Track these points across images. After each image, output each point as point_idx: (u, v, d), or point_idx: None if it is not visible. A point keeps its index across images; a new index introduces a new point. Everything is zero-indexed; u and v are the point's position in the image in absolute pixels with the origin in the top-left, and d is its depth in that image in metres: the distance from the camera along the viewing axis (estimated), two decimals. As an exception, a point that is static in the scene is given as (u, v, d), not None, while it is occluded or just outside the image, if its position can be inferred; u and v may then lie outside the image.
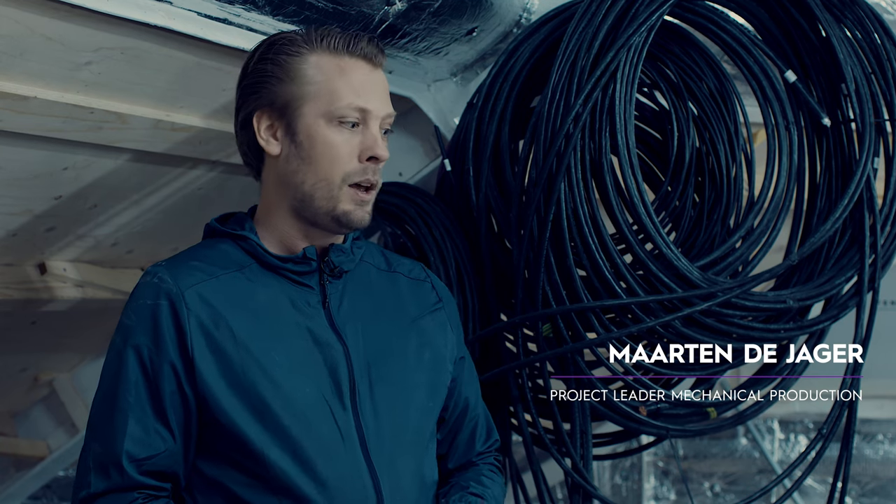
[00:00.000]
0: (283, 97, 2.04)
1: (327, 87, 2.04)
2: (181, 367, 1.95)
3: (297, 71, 2.04)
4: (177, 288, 1.97)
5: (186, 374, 1.95)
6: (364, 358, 2.04)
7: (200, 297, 1.97)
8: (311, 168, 2.03)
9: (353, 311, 2.08)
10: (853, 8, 2.61)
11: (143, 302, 1.98)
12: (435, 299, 2.23)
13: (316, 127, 2.03)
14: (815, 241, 2.60)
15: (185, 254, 2.08)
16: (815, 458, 2.72)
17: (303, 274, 2.05)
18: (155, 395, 1.95)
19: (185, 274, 2.00)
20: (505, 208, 2.72)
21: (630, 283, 2.50)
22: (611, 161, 2.51)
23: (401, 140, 3.09)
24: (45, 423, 3.82)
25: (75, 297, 3.09)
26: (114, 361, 1.98)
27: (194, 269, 2.01)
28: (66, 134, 2.41)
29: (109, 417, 1.95)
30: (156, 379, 1.95)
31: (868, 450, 6.44)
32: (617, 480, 6.72)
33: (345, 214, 2.03)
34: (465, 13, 2.58)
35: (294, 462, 1.94)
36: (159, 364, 1.94)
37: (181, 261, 2.04)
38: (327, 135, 2.03)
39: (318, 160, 2.03)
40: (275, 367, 1.97)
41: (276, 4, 2.24)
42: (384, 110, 2.07)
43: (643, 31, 2.50)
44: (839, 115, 2.66)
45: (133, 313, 1.99)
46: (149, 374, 1.95)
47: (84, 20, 2.11)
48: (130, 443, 1.93)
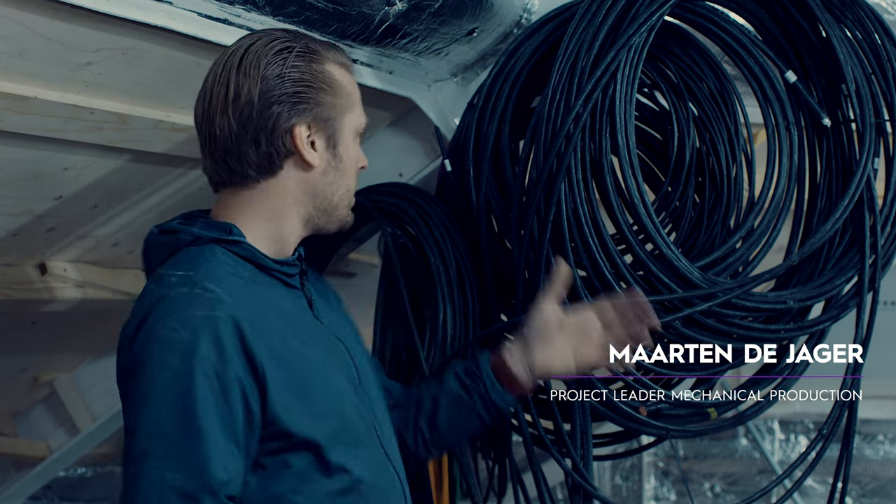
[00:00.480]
0: (328, 108, 2.02)
1: (354, 99, 2.07)
2: (250, 382, 1.83)
3: (333, 80, 2.03)
4: (230, 297, 1.87)
5: (255, 390, 1.84)
6: (351, 354, 2.09)
7: (249, 306, 1.88)
8: (344, 180, 2.06)
9: (324, 311, 2.10)
10: (853, 8, 2.61)
11: (191, 314, 1.83)
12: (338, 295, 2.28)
13: (350, 141, 2.07)
14: (815, 241, 2.60)
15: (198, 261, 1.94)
16: (816, 459, 2.72)
17: (292, 276, 2.04)
18: (225, 414, 1.81)
19: (225, 282, 1.89)
20: (505, 208, 2.72)
21: (630, 284, 2.50)
22: (611, 161, 2.51)
23: (401, 140, 3.09)
24: (46, 423, 3.82)
25: (76, 297, 3.09)
26: (171, 380, 1.80)
27: (228, 276, 1.92)
28: (66, 134, 2.41)
29: (189, 442, 1.79)
30: (225, 397, 1.81)
31: (868, 450, 6.44)
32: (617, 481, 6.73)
33: (348, 220, 2.11)
34: (466, 14, 2.58)
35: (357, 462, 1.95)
36: (227, 381, 1.81)
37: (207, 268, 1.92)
38: (354, 147, 2.08)
39: (348, 172, 2.07)
40: (326, 370, 1.97)
41: (277, 5, 2.24)
42: None
43: (643, 31, 2.50)
44: (839, 116, 2.66)
45: (181, 326, 1.82)
46: (217, 392, 1.80)
47: (84, 21, 2.11)
48: (218, 469, 1.79)
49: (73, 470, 5.17)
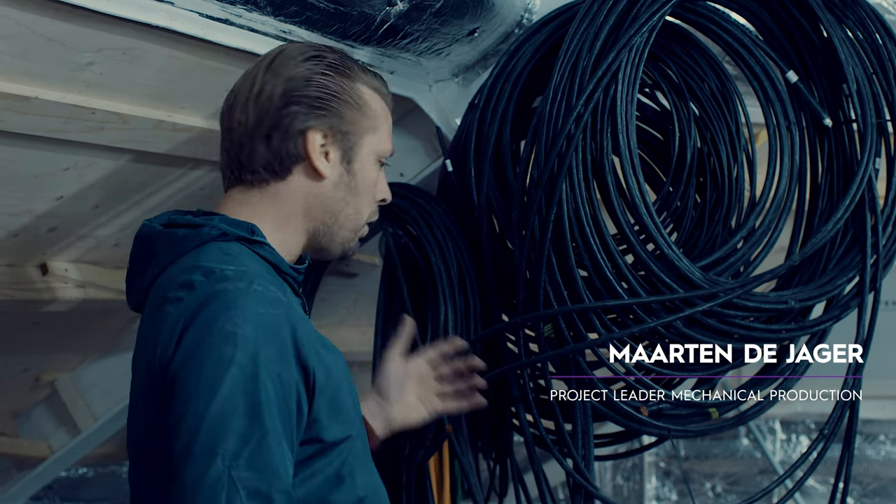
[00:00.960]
0: (349, 122, 2.02)
1: (383, 125, 2.07)
2: (302, 386, 1.81)
3: (361, 99, 2.04)
4: (284, 297, 1.85)
5: (306, 394, 1.82)
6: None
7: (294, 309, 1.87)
8: (355, 200, 2.05)
9: None
10: (855, 8, 2.61)
11: (254, 311, 1.79)
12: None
13: (369, 163, 2.06)
14: (816, 241, 2.60)
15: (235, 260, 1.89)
16: (817, 459, 2.72)
17: (298, 282, 2.05)
18: (286, 417, 1.78)
19: (267, 281, 1.86)
20: (506, 209, 2.72)
21: (632, 284, 2.50)
22: (612, 161, 2.51)
23: (402, 140, 3.09)
24: (47, 423, 3.82)
25: (77, 297, 3.09)
26: (238, 378, 1.75)
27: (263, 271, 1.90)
28: (67, 134, 2.41)
29: (256, 441, 1.74)
30: (286, 398, 1.78)
31: (870, 450, 6.44)
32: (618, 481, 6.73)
33: (352, 247, 2.10)
34: (467, 14, 2.58)
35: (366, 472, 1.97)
36: (289, 383, 1.79)
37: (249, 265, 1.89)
38: (373, 172, 2.07)
39: (362, 194, 2.05)
40: (347, 380, 1.95)
41: (278, 5, 2.24)
42: None
43: (645, 31, 2.50)
44: (841, 116, 2.66)
45: (245, 323, 1.77)
46: (279, 392, 1.77)
47: (85, 21, 2.11)
48: (287, 469, 1.77)
49: (75, 470, 5.17)
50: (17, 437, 3.79)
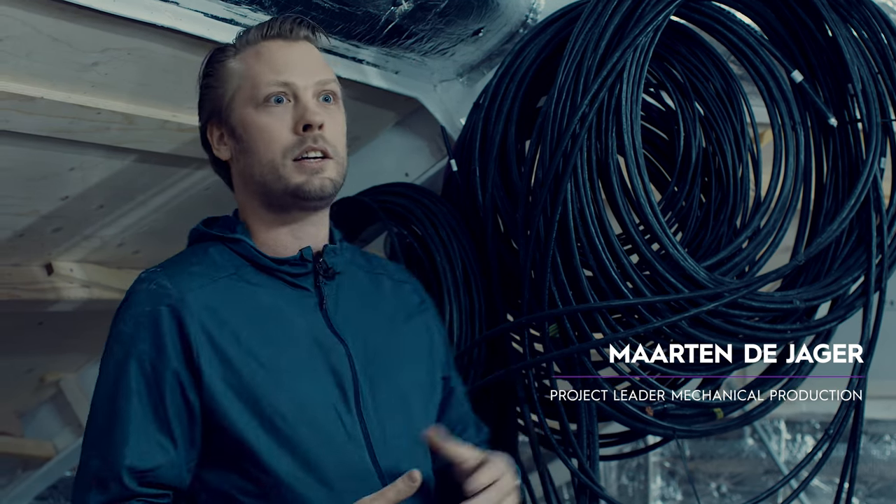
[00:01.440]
0: (219, 101, 2.06)
1: (248, 74, 2.04)
2: (186, 375, 1.91)
3: (224, 73, 2.06)
4: (178, 293, 1.93)
5: (192, 383, 1.91)
6: (363, 359, 2.03)
7: (203, 303, 1.94)
8: (254, 157, 2.02)
9: (348, 312, 2.06)
10: (860, 8, 2.61)
11: (141, 309, 1.93)
12: (418, 301, 2.23)
13: (247, 116, 2.03)
14: (821, 241, 2.60)
15: (177, 259, 2.04)
16: (822, 459, 2.72)
17: (298, 276, 2.04)
18: (158, 406, 1.90)
19: (185, 279, 1.96)
20: (511, 208, 2.72)
21: (636, 284, 2.49)
22: (617, 161, 2.51)
23: (407, 140, 3.09)
24: (52, 423, 3.83)
25: (82, 297, 3.09)
26: (111, 371, 1.93)
27: (193, 273, 1.98)
28: (72, 134, 2.42)
29: (109, 430, 1.90)
30: (159, 388, 1.90)
31: (875, 450, 6.42)
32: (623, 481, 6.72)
33: (298, 188, 2.00)
34: (472, 14, 2.58)
35: (302, 467, 1.92)
36: (162, 373, 1.90)
37: (177, 266, 2.01)
38: (257, 119, 2.02)
39: (257, 146, 2.02)
40: (282, 372, 1.95)
41: (283, 5, 2.24)
42: (311, 78, 2.04)
43: (649, 31, 2.50)
44: (846, 115, 2.66)
45: (130, 320, 1.93)
46: (151, 383, 1.90)
47: (91, 21, 2.11)
48: (132, 455, 1.88)
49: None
50: (22, 437, 3.80)
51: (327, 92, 2.05)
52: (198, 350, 1.91)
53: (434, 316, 2.25)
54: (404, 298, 2.21)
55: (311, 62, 2.06)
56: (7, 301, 2.89)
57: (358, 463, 1.97)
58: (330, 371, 1.99)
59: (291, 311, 2.01)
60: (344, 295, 2.08)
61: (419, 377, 2.14)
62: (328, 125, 2.02)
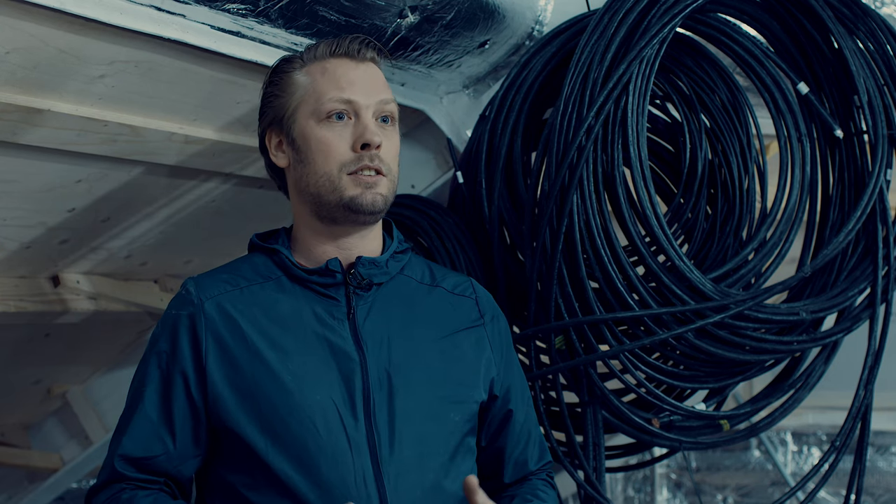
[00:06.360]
0: (281, 110, 2.11)
1: (314, 88, 2.09)
2: (193, 376, 2.03)
3: (290, 84, 2.11)
4: (198, 299, 2.06)
5: (198, 383, 2.03)
6: (385, 369, 2.05)
7: (219, 308, 2.06)
8: (312, 168, 2.08)
9: (382, 323, 2.09)
10: (865, 20, 2.61)
11: (169, 312, 2.08)
12: (476, 316, 2.21)
13: (308, 128, 2.08)
14: (827, 253, 2.60)
15: (221, 267, 2.16)
16: (829, 471, 2.72)
17: (328, 286, 2.07)
18: (165, 402, 2.05)
19: (209, 285, 2.09)
20: (517, 220, 2.72)
21: (643, 296, 2.50)
22: (623, 173, 2.51)
23: (413, 152, 3.09)
24: (59, 435, 3.83)
25: (88, 309, 3.10)
26: (141, 366, 2.09)
27: (221, 280, 2.10)
28: (79, 147, 2.42)
29: (127, 417, 2.07)
30: (169, 386, 2.04)
31: (881, 462, 6.40)
32: (629, 493, 6.70)
33: (352, 200, 2.05)
34: (478, 26, 2.59)
35: (297, 467, 1.98)
36: (173, 372, 2.04)
37: (213, 273, 2.14)
38: (318, 133, 2.08)
39: (315, 158, 2.07)
40: (286, 375, 2.01)
41: (289, 17, 2.25)
42: (373, 98, 2.09)
43: (655, 43, 2.50)
44: (852, 127, 2.66)
45: (161, 322, 2.09)
46: (163, 380, 2.05)
47: (98, 33, 2.12)
48: (128, 444, 2.05)
49: (86, 481, 5.16)
50: (29, 449, 3.79)
51: (387, 113, 2.11)
52: (206, 353, 2.03)
53: (497, 333, 2.23)
54: (459, 312, 2.21)
55: (374, 83, 2.12)
56: (14, 313, 2.89)
57: (356, 467, 1.99)
58: (341, 379, 2.03)
59: (313, 319, 2.06)
60: (381, 306, 2.11)
61: (449, 391, 2.13)
62: (385, 145, 2.08)
